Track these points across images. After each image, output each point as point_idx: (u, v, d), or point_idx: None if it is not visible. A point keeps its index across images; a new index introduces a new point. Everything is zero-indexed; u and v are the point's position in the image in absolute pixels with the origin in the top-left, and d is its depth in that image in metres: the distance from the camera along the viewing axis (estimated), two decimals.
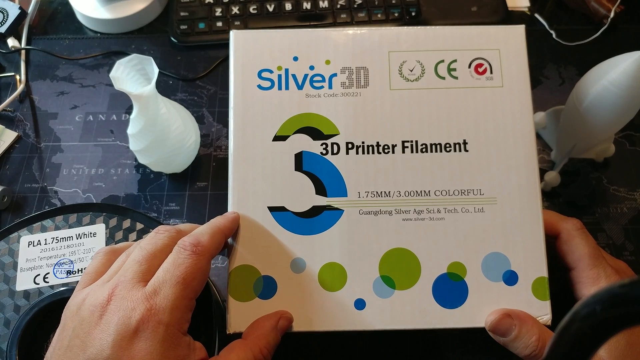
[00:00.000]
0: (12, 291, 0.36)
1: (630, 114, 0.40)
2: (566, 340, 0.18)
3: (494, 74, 0.35)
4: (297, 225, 0.34)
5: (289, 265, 0.33)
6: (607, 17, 0.57)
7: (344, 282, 0.33)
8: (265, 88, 0.35)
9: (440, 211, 0.34)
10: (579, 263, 0.33)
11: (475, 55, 0.36)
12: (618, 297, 0.16)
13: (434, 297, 0.33)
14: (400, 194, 0.34)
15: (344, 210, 0.34)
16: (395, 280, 0.33)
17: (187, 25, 0.58)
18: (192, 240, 0.29)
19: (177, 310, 0.27)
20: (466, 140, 0.34)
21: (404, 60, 0.35)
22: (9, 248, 0.37)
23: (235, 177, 0.34)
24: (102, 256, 0.32)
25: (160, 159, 0.46)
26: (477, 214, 0.34)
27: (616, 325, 0.17)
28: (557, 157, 0.48)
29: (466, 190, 0.34)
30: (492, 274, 0.33)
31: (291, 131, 0.35)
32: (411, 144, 0.34)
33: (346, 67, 0.35)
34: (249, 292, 0.33)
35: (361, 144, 0.34)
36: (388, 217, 0.34)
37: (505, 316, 0.31)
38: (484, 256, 0.33)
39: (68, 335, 0.27)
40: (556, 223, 0.35)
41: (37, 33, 0.60)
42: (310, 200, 0.34)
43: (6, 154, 0.51)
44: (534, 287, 0.33)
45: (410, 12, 0.58)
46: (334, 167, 0.34)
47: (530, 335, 0.31)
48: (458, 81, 0.35)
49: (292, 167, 0.34)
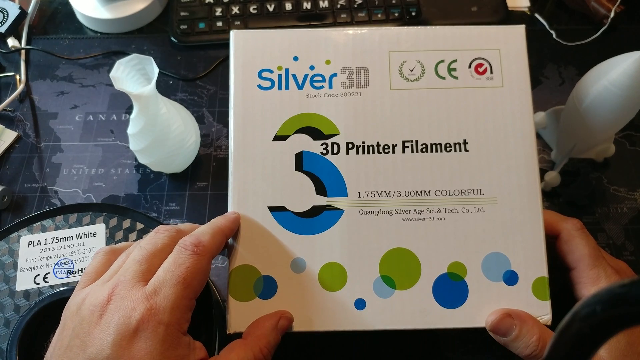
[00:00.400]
0: (12, 291, 0.36)
1: (630, 114, 0.40)
2: (566, 340, 0.18)
3: (494, 74, 0.35)
4: (297, 225, 0.34)
5: (289, 265, 0.33)
6: (607, 17, 0.57)
7: (344, 282, 0.33)
8: (265, 88, 0.35)
9: (440, 211, 0.34)
10: (579, 263, 0.33)
11: (476, 55, 0.36)
12: (618, 297, 0.16)
13: (434, 297, 0.33)
14: (400, 194, 0.34)
15: (344, 210, 0.34)
16: (395, 280, 0.33)
17: (187, 25, 0.58)
18: (193, 240, 0.29)
19: (177, 310, 0.27)
20: (466, 140, 0.34)
21: (404, 60, 0.35)
22: (9, 248, 0.37)
23: (235, 177, 0.34)
24: (101, 256, 0.32)
25: (160, 159, 0.46)
26: (477, 213, 0.34)
27: (616, 325, 0.17)
28: (557, 157, 0.48)
29: (466, 190, 0.34)
30: (492, 273, 0.33)
31: (291, 131, 0.35)
32: (411, 144, 0.34)
33: (346, 67, 0.35)
34: (249, 292, 0.33)
35: (361, 144, 0.34)
36: (388, 217, 0.34)
37: (506, 316, 0.31)
38: (484, 256, 0.33)
39: (68, 335, 0.27)
40: (556, 223, 0.35)
41: (37, 33, 0.60)
42: (311, 200, 0.34)
43: (6, 154, 0.51)
44: (534, 287, 0.33)
45: (410, 12, 0.58)
46: (334, 167, 0.34)
47: (531, 335, 0.30)
48: (458, 81, 0.35)
49: (292, 167, 0.34)
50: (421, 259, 0.33)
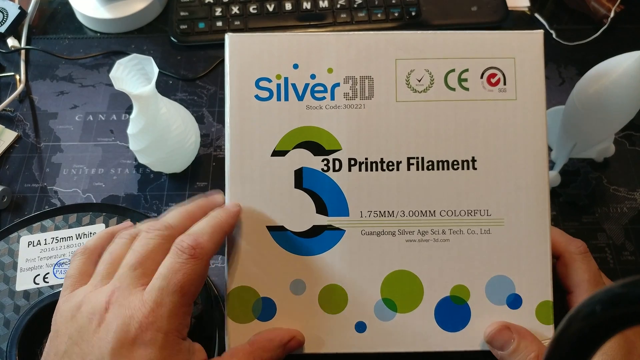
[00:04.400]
0: (12, 291, 0.36)
1: (630, 114, 0.40)
2: (566, 340, 0.18)
3: (507, 85, 0.33)
4: (296, 245, 0.32)
5: (289, 286, 0.32)
6: (607, 17, 0.57)
7: (344, 304, 0.32)
8: (263, 99, 0.33)
9: (445, 232, 0.32)
10: (576, 288, 0.33)
11: (489, 64, 0.33)
12: (618, 297, 0.16)
13: (436, 321, 0.32)
14: (404, 214, 0.32)
15: (345, 230, 0.32)
16: (397, 303, 0.32)
17: (187, 25, 0.58)
18: (191, 242, 0.28)
19: (175, 318, 0.27)
20: (475, 158, 0.33)
21: (412, 69, 0.33)
22: (8, 248, 0.37)
23: (232, 194, 0.32)
24: (80, 257, 0.31)
25: (160, 159, 0.46)
26: (483, 235, 0.32)
27: (616, 325, 0.17)
28: (557, 157, 0.48)
29: (473, 210, 0.32)
30: (495, 297, 0.32)
31: (291, 146, 0.33)
32: (417, 160, 0.33)
33: (349, 77, 0.33)
34: (248, 314, 0.32)
35: (364, 160, 0.33)
36: (391, 238, 0.32)
37: (504, 328, 0.31)
38: (489, 279, 0.32)
39: (64, 341, 0.27)
40: (560, 244, 0.34)
41: (37, 33, 0.60)
42: (311, 220, 0.32)
43: (6, 154, 0.51)
44: (538, 311, 0.32)
45: (410, 12, 0.58)
46: (335, 184, 0.33)
47: (529, 351, 0.30)
48: (469, 93, 0.33)
49: (291, 185, 0.33)
50: (424, 281, 0.32)
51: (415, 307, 0.32)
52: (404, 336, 0.32)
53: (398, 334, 0.32)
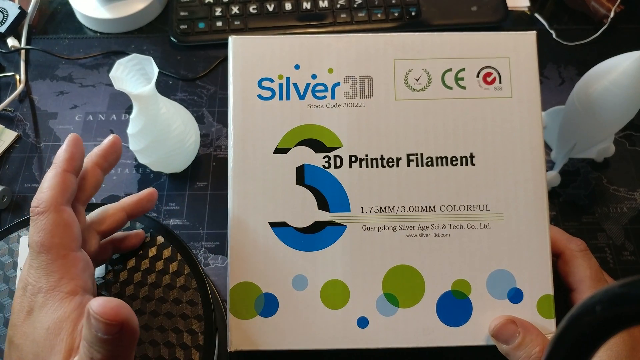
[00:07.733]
0: (12, 291, 0.36)
1: (630, 114, 0.40)
2: (566, 340, 0.18)
3: (502, 84, 0.34)
4: (298, 241, 0.33)
5: (291, 282, 0.32)
6: (607, 17, 0.57)
7: (346, 300, 0.32)
8: (265, 98, 0.34)
9: (445, 227, 0.33)
10: (579, 285, 0.33)
11: (484, 63, 0.34)
12: (618, 297, 0.16)
13: (438, 315, 0.32)
14: (404, 209, 0.33)
15: (346, 225, 0.33)
16: (398, 298, 0.32)
17: (187, 25, 0.58)
18: (33, 203, 0.28)
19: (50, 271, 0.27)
20: (473, 154, 0.33)
21: (410, 69, 0.34)
22: (8, 248, 0.37)
23: (235, 191, 0.33)
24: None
25: (160, 159, 0.46)
26: (483, 230, 0.33)
27: (616, 325, 0.17)
28: (557, 157, 0.48)
29: (472, 205, 0.33)
30: (496, 291, 0.32)
31: (292, 143, 0.34)
32: (416, 157, 0.33)
33: (350, 76, 0.34)
34: (250, 310, 0.32)
35: (365, 157, 0.33)
36: (392, 233, 0.33)
37: (510, 322, 0.31)
38: (489, 273, 0.32)
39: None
40: (560, 242, 0.34)
41: (37, 33, 0.60)
42: (313, 216, 0.33)
43: (6, 154, 0.51)
44: (539, 305, 0.32)
45: (410, 12, 0.58)
46: (336, 181, 0.33)
47: (534, 345, 0.30)
48: (465, 91, 0.34)
49: (293, 181, 0.33)
50: (425, 276, 0.32)
51: (417, 302, 0.32)
52: (406, 331, 0.32)
53: (400, 329, 0.32)
